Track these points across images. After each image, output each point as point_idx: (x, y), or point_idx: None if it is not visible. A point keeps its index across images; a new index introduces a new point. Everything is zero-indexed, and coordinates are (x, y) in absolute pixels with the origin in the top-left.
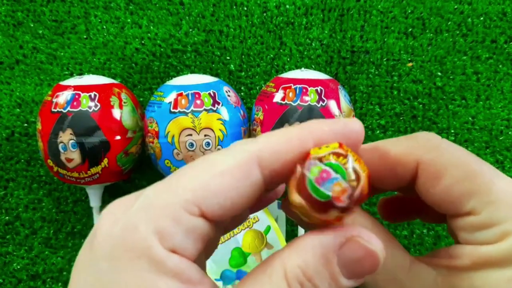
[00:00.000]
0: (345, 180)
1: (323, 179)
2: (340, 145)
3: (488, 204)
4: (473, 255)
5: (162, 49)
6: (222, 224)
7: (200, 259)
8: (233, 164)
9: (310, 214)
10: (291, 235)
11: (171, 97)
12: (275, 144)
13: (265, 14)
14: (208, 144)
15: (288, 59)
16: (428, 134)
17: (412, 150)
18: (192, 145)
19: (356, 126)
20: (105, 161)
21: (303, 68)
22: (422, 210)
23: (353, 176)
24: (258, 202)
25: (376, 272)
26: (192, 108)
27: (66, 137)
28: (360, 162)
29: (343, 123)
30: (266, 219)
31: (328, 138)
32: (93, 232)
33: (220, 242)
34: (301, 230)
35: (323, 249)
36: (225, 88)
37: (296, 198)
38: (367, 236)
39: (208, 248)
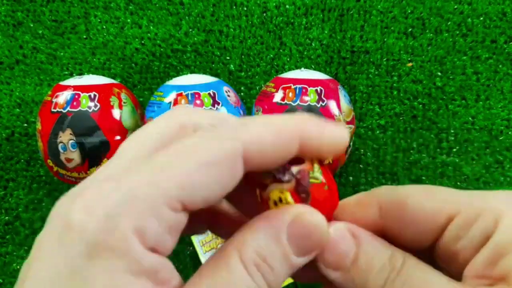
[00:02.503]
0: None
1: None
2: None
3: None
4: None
5: (162, 49)
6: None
7: None
8: (219, 155)
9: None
10: None
11: (171, 97)
12: (264, 140)
13: (265, 14)
14: None
15: (288, 59)
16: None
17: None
18: None
19: (343, 139)
20: (105, 161)
21: (303, 68)
22: None
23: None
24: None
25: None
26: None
27: (66, 137)
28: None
29: (333, 134)
30: None
31: (312, 146)
32: (63, 219)
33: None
34: None
35: (273, 229)
36: (225, 88)
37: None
38: (310, 212)
39: None
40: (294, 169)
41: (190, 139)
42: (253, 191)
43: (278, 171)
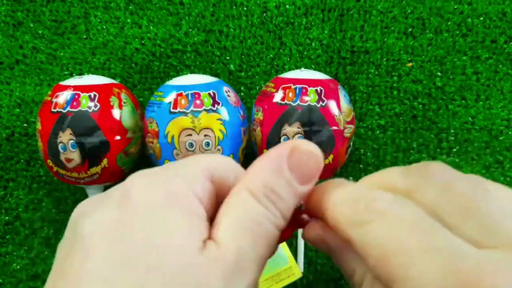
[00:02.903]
0: None
1: None
2: None
3: None
4: None
5: (162, 49)
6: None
7: None
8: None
9: None
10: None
11: (171, 97)
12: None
13: (265, 14)
14: (208, 144)
15: (288, 59)
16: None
17: (343, 219)
18: (191, 145)
19: None
20: (105, 161)
21: (303, 68)
22: None
23: None
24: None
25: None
26: (192, 108)
27: (66, 137)
28: None
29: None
30: None
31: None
32: (121, 192)
33: None
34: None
35: (275, 163)
36: (225, 88)
37: None
38: (305, 143)
39: None
40: None
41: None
42: None
43: None
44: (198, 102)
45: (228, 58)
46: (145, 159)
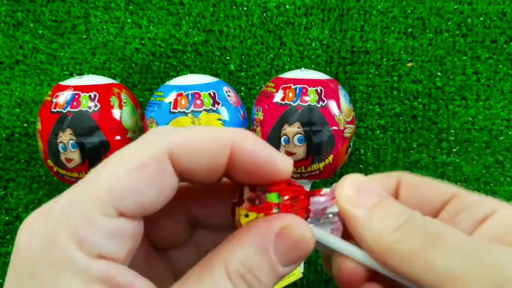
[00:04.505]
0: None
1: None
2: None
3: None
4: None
5: (162, 49)
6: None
7: (138, 259)
8: (144, 158)
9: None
10: None
11: (171, 97)
12: (191, 143)
13: (265, 14)
14: None
15: (288, 59)
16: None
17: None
18: None
19: (285, 166)
20: None
21: (303, 68)
22: None
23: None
24: None
25: None
26: (192, 108)
27: (66, 137)
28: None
29: (270, 159)
30: None
31: (243, 160)
32: (14, 248)
33: None
34: None
35: (261, 241)
36: (225, 88)
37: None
38: (299, 223)
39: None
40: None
41: (122, 148)
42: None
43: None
44: (198, 102)
45: (228, 58)
46: None
